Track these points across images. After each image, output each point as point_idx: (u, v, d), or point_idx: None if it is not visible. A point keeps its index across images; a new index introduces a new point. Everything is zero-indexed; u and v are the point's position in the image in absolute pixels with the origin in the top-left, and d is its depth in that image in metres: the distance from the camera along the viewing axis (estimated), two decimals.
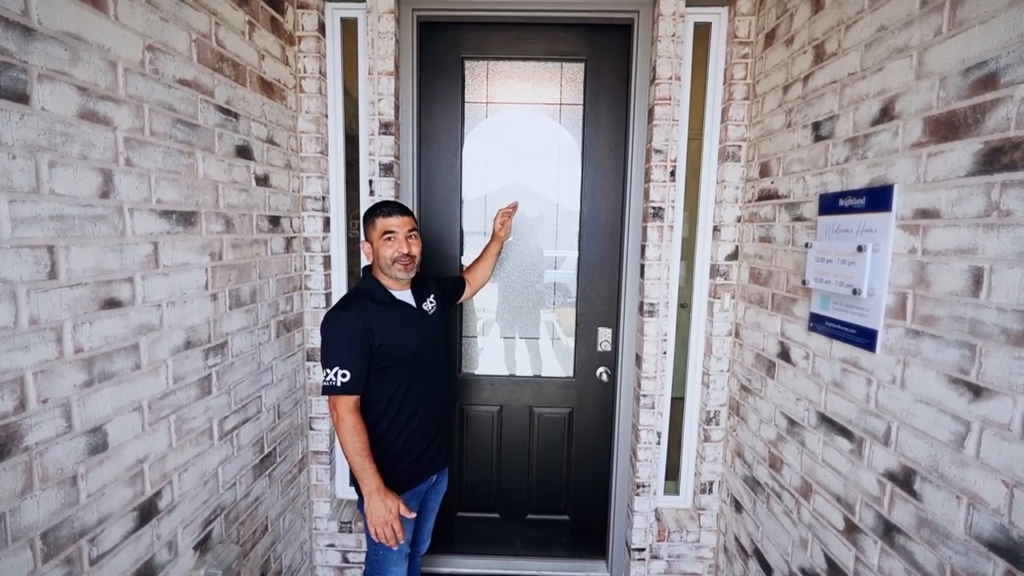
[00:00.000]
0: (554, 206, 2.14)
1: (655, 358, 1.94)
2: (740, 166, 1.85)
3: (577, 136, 2.06)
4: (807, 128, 1.45)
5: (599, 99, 2.02)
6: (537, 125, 2.08)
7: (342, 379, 1.35)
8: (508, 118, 2.07)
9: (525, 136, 2.09)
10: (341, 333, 1.38)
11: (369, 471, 1.36)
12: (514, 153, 2.10)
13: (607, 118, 2.02)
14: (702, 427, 1.99)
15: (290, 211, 1.79)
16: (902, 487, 1.07)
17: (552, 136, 2.08)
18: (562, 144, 2.09)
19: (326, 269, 1.93)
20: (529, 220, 2.15)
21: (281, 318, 1.74)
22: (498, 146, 2.09)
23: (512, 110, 2.06)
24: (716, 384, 1.94)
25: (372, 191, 1.89)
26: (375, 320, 1.41)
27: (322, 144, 1.86)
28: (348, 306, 1.42)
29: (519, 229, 2.14)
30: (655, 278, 1.91)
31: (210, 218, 1.34)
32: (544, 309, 2.19)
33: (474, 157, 2.08)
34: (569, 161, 2.09)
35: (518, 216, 2.07)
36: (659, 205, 1.87)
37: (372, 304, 1.45)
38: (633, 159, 1.96)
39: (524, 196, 2.12)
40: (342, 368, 1.36)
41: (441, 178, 2.05)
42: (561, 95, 2.05)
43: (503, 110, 2.06)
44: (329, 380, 1.36)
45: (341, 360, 1.36)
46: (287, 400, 1.79)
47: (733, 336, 1.91)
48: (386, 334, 1.42)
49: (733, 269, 1.89)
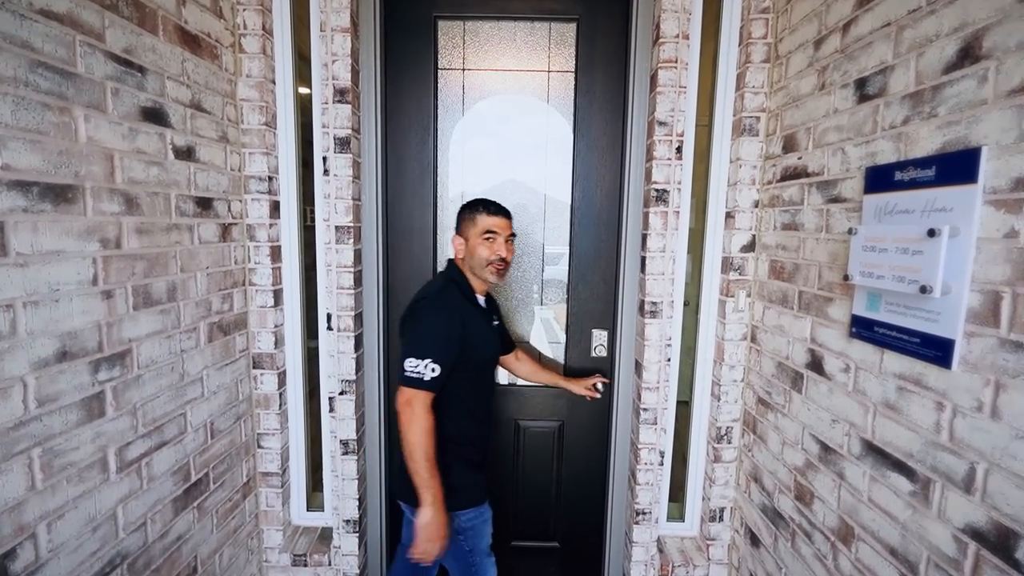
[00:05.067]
0: (541, 195, 1.85)
1: (657, 366, 1.67)
2: (758, 141, 1.57)
3: (567, 110, 1.78)
4: (847, 88, 1.18)
5: (593, 65, 1.73)
6: (522, 98, 1.80)
7: (432, 373, 1.22)
8: (488, 89, 1.79)
9: (509, 112, 1.81)
10: (443, 323, 1.27)
11: (436, 479, 1.23)
12: (498, 139, 1.82)
13: (603, 87, 1.74)
14: (711, 445, 1.73)
15: (227, 192, 1.51)
16: (994, 551, 0.80)
17: (540, 113, 1.80)
18: (551, 121, 1.81)
19: (275, 262, 1.65)
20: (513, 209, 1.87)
21: (215, 319, 1.46)
22: (477, 125, 1.81)
23: (493, 80, 1.78)
24: (728, 396, 1.67)
25: (326, 170, 1.61)
26: (467, 317, 1.33)
27: (268, 115, 1.58)
28: (447, 295, 1.33)
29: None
30: (658, 273, 1.64)
31: (100, 195, 1.06)
32: (538, 306, 1.92)
33: (449, 135, 1.80)
34: (558, 141, 1.81)
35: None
36: (663, 187, 1.60)
37: (463, 300, 1.36)
38: (633, 135, 1.69)
39: (507, 185, 1.84)
40: (435, 361, 1.23)
41: (411, 158, 1.77)
42: (549, 62, 1.77)
43: (483, 80, 1.78)
44: (417, 372, 1.22)
45: (436, 352, 1.24)
46: (225, 416, 1.52)
47: (748, 341, 1.64)
48: (473, 336, 1.32)
49: (749, 262, 1.62)
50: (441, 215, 1.82)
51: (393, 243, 1.80)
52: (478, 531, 1.39)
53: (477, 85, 1.78)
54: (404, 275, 1.82)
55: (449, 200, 1.83)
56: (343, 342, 1.67)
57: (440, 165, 1.80)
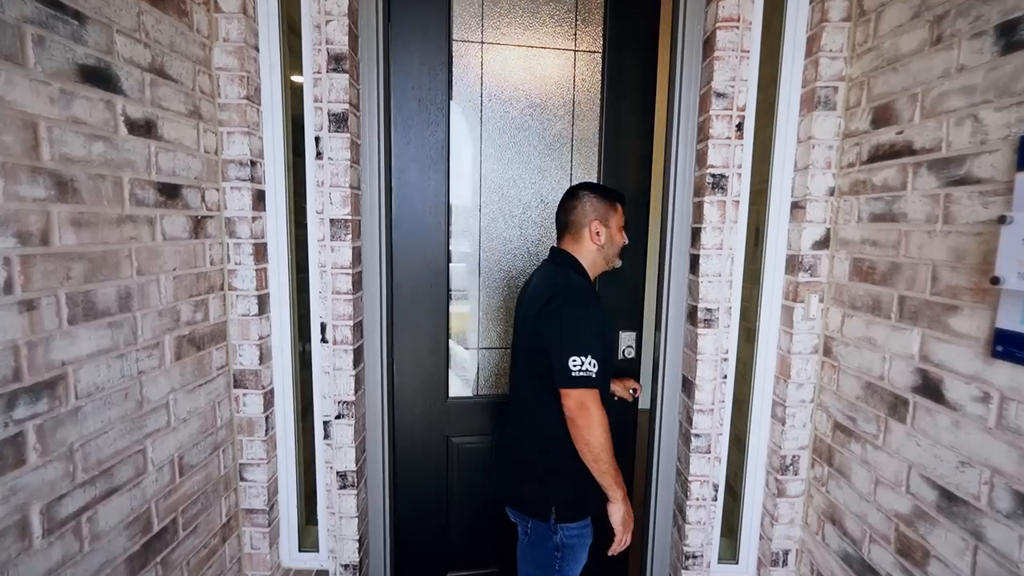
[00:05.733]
0: (562, 188, 1.60)
1: (713, 385, 1.41)
2: (836, 116, 1.31)
3: (595, 86, 1.52)
4: (983, 38, 0.92)
5: (625, 36, 1.48)
6: (546, 72, 1.54)
7: (594, 369, 1.12)
8: (509, 68, 1.53)
9: (531, 85, 1.55)
10: (595, 316, 1.17)
11: (618, 472, 1.18)
12: (519, 126, 1.56)
13: (635, 63, 1.49)
14: (774, 476, 1.47)
15: (201, 179, 1.26)
16: None
17: (567, 94, 1.55)
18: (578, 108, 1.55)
19: (259, 262, 1.39)
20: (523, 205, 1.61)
21: (185, 332, 1.21)
22: (498, 109, 1.55)
23: (515, 57, 1.52)
24: (795, 419, 1.41)
25: (319, 153, 1.35)
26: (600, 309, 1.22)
27: (249, 87, 1.32)
28: (583, 286, 1.21)
29: (510, 212, 1.60)
30: (713, 274, 1.38)
31: (16, 175, 0.80)
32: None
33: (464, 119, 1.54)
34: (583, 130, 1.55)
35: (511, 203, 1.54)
36: (721, 171, 1.34)
37: (593, 291, 1.26)
38: (680, 110, 1.43)
39: (531, 174, 1.58)
40: (594, 356, 1.13)
41: (421, 141, 1.52)
42: (576, 39, 1.51)
43: (504, 57, 1.52)
44: (585, 370, 1.12)
45: (594, 347, 1.14)
46: (198, 447, 1.27)
47: (821, 354, 1.39)
48: (603, 329, 1.20)
49: (823, 261, 1.36)
50: (456, 207, 1.57)
51: (399, 239, 1.54)
52: (576, 553, 1.25)
53: (497, 62, 1.53)
54: (412, 276, 1.56)
55: (463, 190, 1.58)
56: (340, 357, 1.42)
57: (454, 151, 1.54)
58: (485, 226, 1.61)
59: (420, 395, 1.63)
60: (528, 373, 1.23)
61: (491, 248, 1.62)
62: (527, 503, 1.24)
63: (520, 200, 1.61)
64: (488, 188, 1.59)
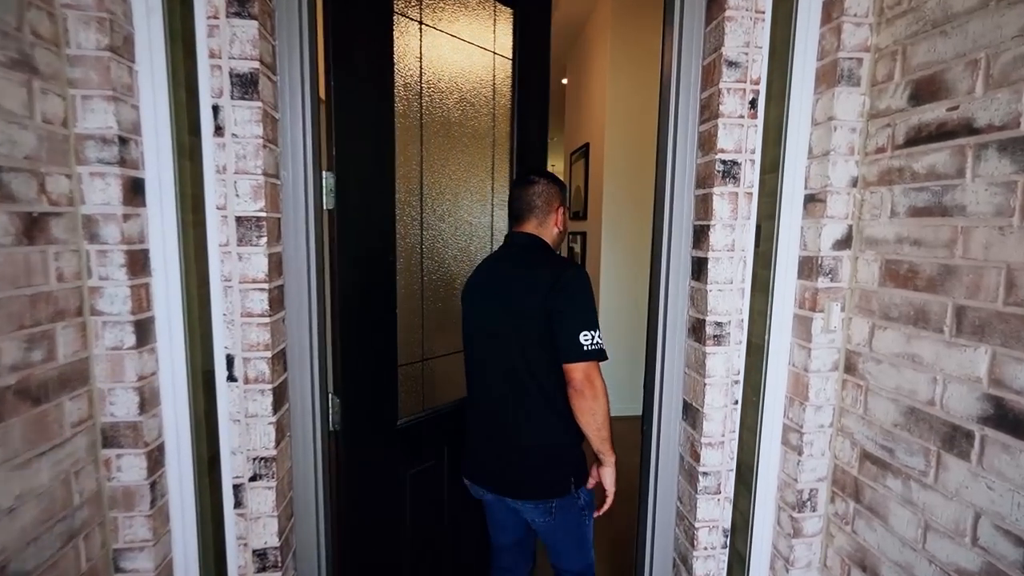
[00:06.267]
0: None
1: (723, 413, 1.18)
2: (859, 94, 1.12)
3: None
4: None
5: (527, 46, 1.23)
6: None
7: (601, 342, 1.15)
8: (443, 52, 1.25)
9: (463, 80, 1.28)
10: (591, 290, 1.19)
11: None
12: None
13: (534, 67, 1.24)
14: (788, 513, 1.26)
15: (35, 159, 0.88)
16: None
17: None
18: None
19: (137, 275, 1.02)
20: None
21: (11, 381, 0.83)
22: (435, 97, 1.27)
23: (448, 42, 1.24)
24: (813, 447, 1.21)
25: (219, 127, 1.01)
26: None
27: (115, 34, 0.95)
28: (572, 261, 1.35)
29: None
30: (724, 281, 1.16)
31: None
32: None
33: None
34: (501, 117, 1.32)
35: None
36: (732, 157, 1.12)
37: None
38: (679, 84, 1.19)
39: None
40: (598, 329, 1.16)
41: (360, 114, 1.20)
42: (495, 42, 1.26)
43: (438, 40, 1.24)
44: (596, 344, 1.14)
45: (597, 319, 1.17)
46: (39, 542, 0.88)
47: (842, 372, 1.19)
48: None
49: (845, 263, 1.17)
50: (403, 197, 1.26)
51: (337, 240, 1.21)
52: (592, 504, 1.33)
53: (434, 49, 1.28)
54: (355, 286, 1.24)
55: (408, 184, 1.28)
56: (254, 399, 1.08)
57: (399, 131, 1.24)
58: (427, 223, 1.37)
59: (366, 426, 1.31)
60: (533, 362, 1.19)
61: (434, 249, 1.43)
62: (551, 487, 1.25)
63: (456, 194, 1.52)
64: (428, 181, 1.34)
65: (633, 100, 3.29)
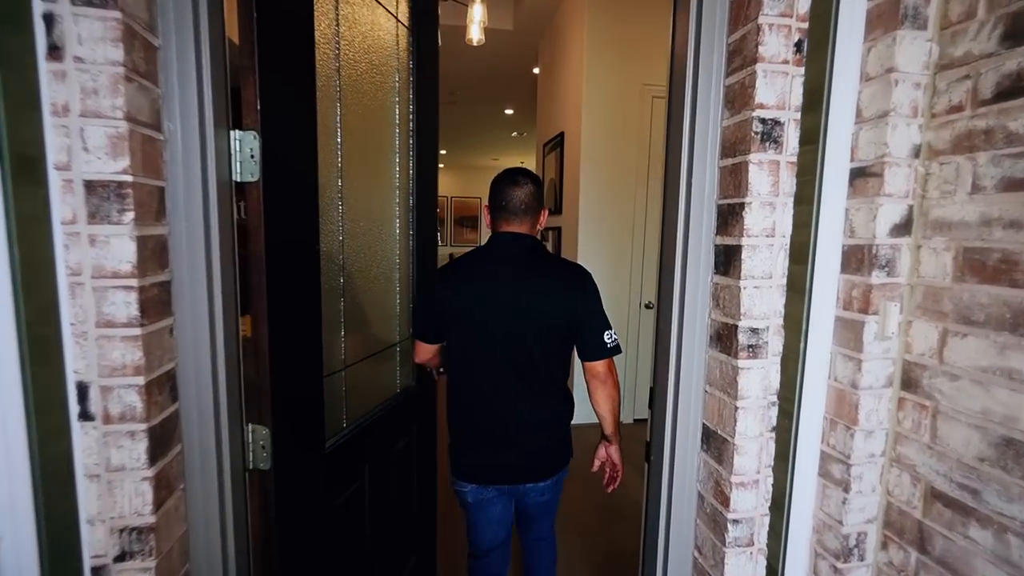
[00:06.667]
0: None
1: (758, 444, 0.93)
2: (925, 39, 0.89)
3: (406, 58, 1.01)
4: None
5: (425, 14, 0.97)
6: None
7: (617, 338, 1.26)
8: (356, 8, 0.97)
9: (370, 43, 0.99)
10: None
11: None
12: None
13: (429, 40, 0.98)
14: (829, 562, 1.02)
15: None
16: None
17: None
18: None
19: None
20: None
21: None
22: None
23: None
24: (862, 482, 0.98)
25: (54, 46, 0.68)
26: None
27: None
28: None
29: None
30: (761, 276, 0.91)
31: None
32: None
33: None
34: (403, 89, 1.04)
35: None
36: (774, 115, 0.87)
37: None
38: (702, 23, 0.94)
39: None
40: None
41: (292, 63, 0.89)
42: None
43: None
44: (615, 340, 1.24)
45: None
46: None
47: (898, 388, 0.96)
48: None
49: (904, 252, 0.93)
50: (324, 172, 0.96)
51: (264, 223, 0.90)
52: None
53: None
54: (283, 280, 0.93)
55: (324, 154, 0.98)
56: (119, 446, 0.75)
57: (320, 93, 0.94)
58: (348, 203, 1.11)
59: (300, 457, 1.00)
60: (551, 356, 1.25)
61: (354, 234, 1.24)
62: (560, 461, 1.35)
63: (371, 173, 1.33)
64: (347, 155, 1.06)
65: (612, 82, 3.05)
